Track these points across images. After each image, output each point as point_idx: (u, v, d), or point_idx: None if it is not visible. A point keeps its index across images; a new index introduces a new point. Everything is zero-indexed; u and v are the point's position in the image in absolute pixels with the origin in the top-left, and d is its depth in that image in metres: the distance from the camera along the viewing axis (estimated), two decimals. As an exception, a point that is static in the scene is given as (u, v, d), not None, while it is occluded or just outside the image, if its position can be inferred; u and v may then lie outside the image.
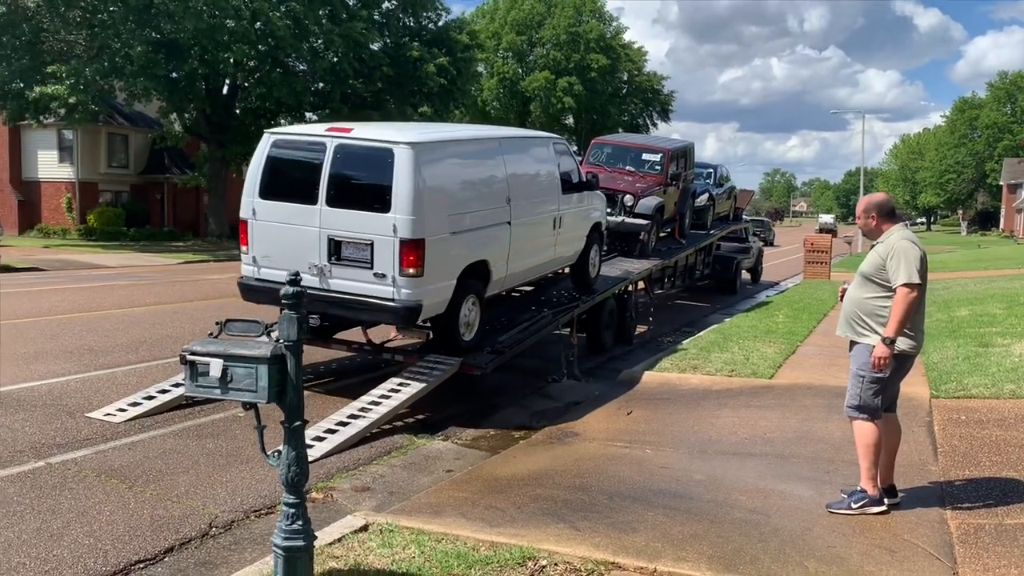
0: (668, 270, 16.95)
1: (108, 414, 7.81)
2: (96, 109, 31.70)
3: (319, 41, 32.61)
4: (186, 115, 34.63)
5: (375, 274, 8.03)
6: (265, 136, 8.70)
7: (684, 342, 12.88)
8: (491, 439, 8.18)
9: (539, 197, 10.40)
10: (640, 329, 14.41)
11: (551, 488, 6.38)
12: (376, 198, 7.94)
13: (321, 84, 34.15)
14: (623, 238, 15.45)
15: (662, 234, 17.20)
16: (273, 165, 8.54)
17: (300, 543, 4.09)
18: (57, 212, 39.20)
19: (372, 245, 7.99)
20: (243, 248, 8.78)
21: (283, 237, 8.47)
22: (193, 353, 4.27)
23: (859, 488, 5.68)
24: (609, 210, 14.82)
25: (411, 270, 7.88)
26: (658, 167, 16.17)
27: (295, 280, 4.11)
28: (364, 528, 5.35)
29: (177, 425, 7.72)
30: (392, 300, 8.01)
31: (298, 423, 4.12)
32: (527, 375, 10.92)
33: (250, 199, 8.58)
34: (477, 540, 5.17)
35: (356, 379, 9.94)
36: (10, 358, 9.96)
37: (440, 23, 37.97)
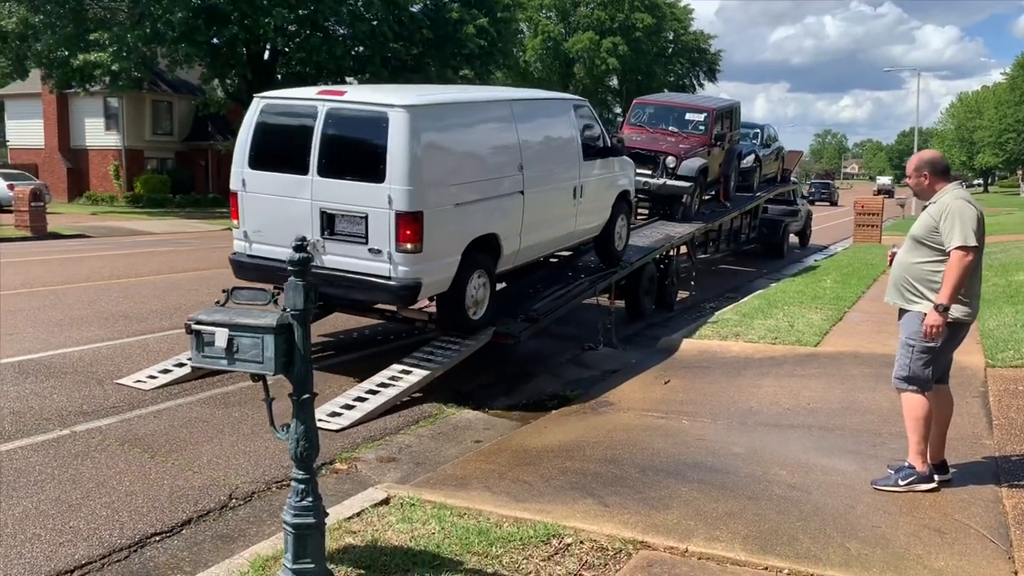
0: (712, 234, 16.54)
1: (138, 381, 7.76)
2: (139, 76, 31.89)
3: (359, 4, 32.29)
4: (228, 81, 34.70)
5: (370, 250, 7.42)
6: (255, 100, 8.14)
7: (726, 308, 12.50)
8: (523, 409, 7.98)
9: (557, 164, 9.66)
10: (682, 295, 14.05)
11: (581, 461, 6.16)
12: (370, 167, 7.29)
13: (361, 48, 33.89)
14: (665, 201, 15.08)
15: (706, 197, 16.74)
16: (263, 132, 7.97)
17: (311, 520, 3.92)
18: (105, 179, 39.76)
19: (367, 218, 7.38)
20: (234, 222, 8.27)
21: (274, 210, 7.89)
22: (198, 322, 4.09)
23: (907, 464, 5.35)
24: (650, 172, 14.50)
25: (408, 245, 7.27)
26: (702, 127, 15.68)
27: (301, 246, 3.89)
28: (385, 501, 5.19)
29: (205, 393, 7.64)
30: (389, 278, 7.42)
31: (307, 396, 3.93)
32: (563, 342, 10.67)
33: (239, 169, 8.05)
34: (501, 515, 4.97)
35: (389, 346, 9.79)
36: (46, 324, 10.01)
37: (481, -17, 37.31)
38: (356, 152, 7.57)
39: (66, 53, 30.20)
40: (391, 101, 7.29)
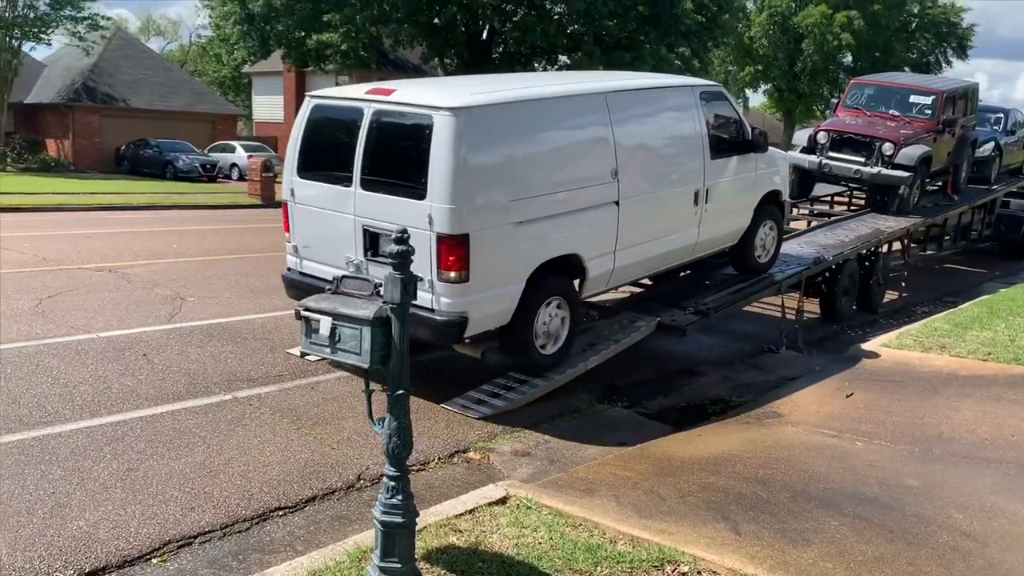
0: (935, 230, 14.92)
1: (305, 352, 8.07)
2: (365, 56, 33.63)
3: (575, -19, 32.11)
4: (447, 60, 35.78)
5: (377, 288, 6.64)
6: (305, 100, 7.35)
7: (939, 315, 11.23)
8: (679, 412, 7.52)
9: (671, 166, 8.22)
10: (890, 296, 12.78)
11: (728, 477, 5.67)
12: (412, 180, 6.33)
13: (575, 27, 33.72)
14: (879, 191, 13.79)
15: (931, 188, 15.15)
16: (310, 137, 7.21)
17: (399, 519, 3.81)
18: (336, 153, 42.55)
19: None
20: (286, 235, 7.61)
21: (321, 224, 7.16)
22: (307, 309, 4.10)
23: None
24: (863, 159, 13.28)
25: (452, 274, 6.25)
26: (928, 111, 14.12)
27: (401, 238, 3.76)
28: (502, 501, 5.02)
29: (364, 368, 7.82)
30: (432, 311, 6.38)
31: (402, 391, 3.81)
32: (740, 341, 10.01)
33: (289, 177, 7.36)
34: (618, 531, 4.65)
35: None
36: (243, 290, 10.73)
37: (701, -43, 35.90)
38: (399, 162, 6.64)
39: (302, 34, 32.42)
40: (437, 102, 6.31)
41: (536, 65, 33.61)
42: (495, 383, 7.26)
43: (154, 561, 4.41)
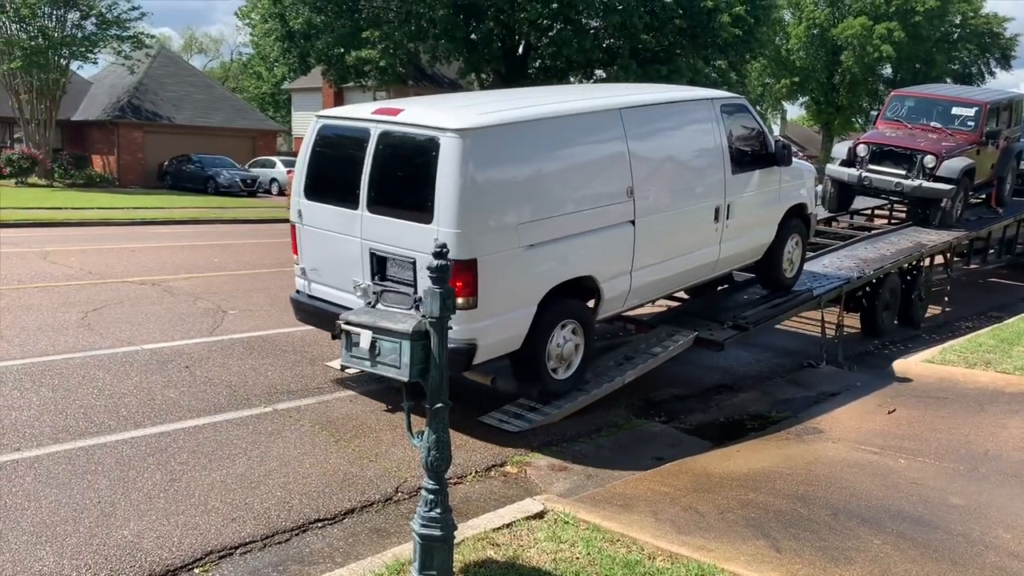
0: (978, 243, 14.64)
1: (345, 365, 8.14)
2: (403, 71, 34.00)
3: (611, -5, 32.19)
4: (483, 75, 36.03)
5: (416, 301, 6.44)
6: (313, 120, 7.21)
7: (984, 330, 11.01)
8: (718, 427, 7.45)
9: (690, 182, 7.92)
10: (932, 311, 12.58)
11: (767, 494, 5.61)
12: (419, 203, 6.13)
13: (610, 40, 33.79)
14: (921, 204, 13.61)
15: (974, 201, 14.91)
16: (318, 157, 7.08)
17: (437, 532, 3.83)
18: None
19: (414, 264, 6.24)
20: (294, 257, 7.44)
21: (328, 247, 6.98)
22: (348, 322, 4.16)
23: None
24: (904, 172, 13.12)
25: (459, 300, 5.73)
26: (971, 123, 13.91)
27: (441, 252, 3.80)
28: (539, 515, 5.02)
29: (402, 381, 7.87)
30: None
31: (440, 404, 3.84)
32: (780, 356, 9.91)
33: (297, 199, 7.21)
34: (656, 548, 4.62)
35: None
36: (283, 303, 10.71)
37: (740, -31, 35.81)
38: (405, 185, 6.45)
39: (341, 50, 32.88)
40: (443, 123, 6.09)
41: (572, 78, 33.71)
42: (532, 396, 7.26)
43: (196, 571, 4.47)
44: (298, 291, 7.46)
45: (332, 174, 7.00)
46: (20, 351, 7.98)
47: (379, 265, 6.53)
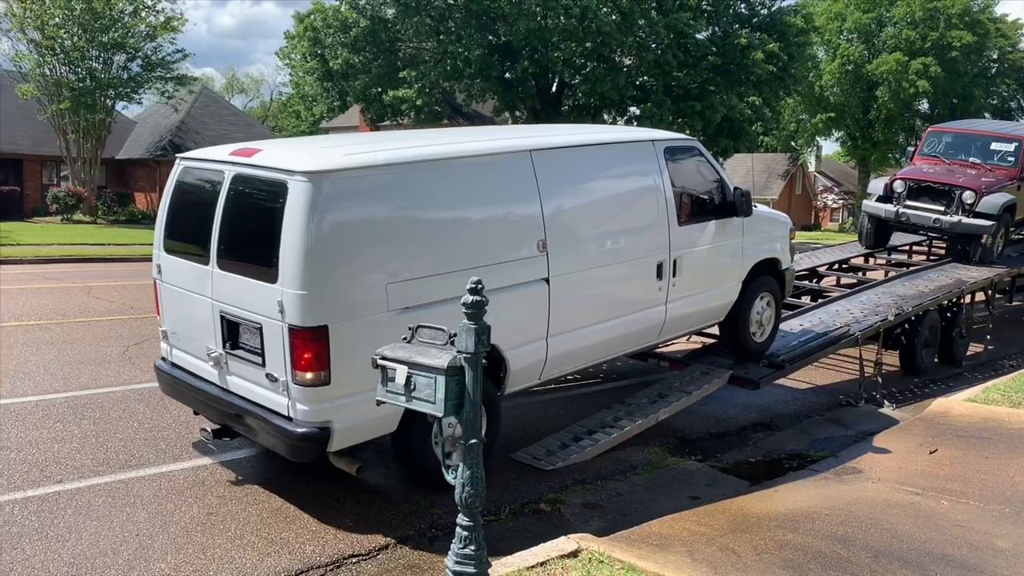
0: (1020, 280, 14.41)
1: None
2: (438, 109, 34.53)
3: (645, 34, 32.50)
4: (518, 112, 36.43)
5: (267, 375, 5.35)
6: (176, 162, 6.34)
7: (1028, 368, 10.77)
8: (755, 467, 7.36)
9: (622, 235, 6.99)
10: (974, 348, 12.34)
11: (806, 535, 5.52)
12: (263, 259, 5.24)
13: (644, 78, 34.03)
14: (960, 240, 13.44)
15: (1016, 237, 14.71)
16: (176, 206, 6.22)
17: (471, 569, 3.83)
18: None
19: (261, 330, 5.34)
20: (157, 318, 6.59)
21: (183, 308, 6.12)
22: (384, 358, 4.19)
23: None
24: (943, 208, 12.98)
25: (307, 375, 5.10)
26: (1011, 159, 13.79)
27: (476, 288, 3.84)
28: (573, 554, 4.97)
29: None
30: (288, 419, 5.27)
31: (475, 440, 3.85)
32: (818, 395, 9.77)
33: (157, 252, 6.35)
34: (692, 588, 4.56)
35: (618, 384, 9.51)
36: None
37: (773, 7, 35.93)
38: (252, 237, 5.51)
39: (379, 89, 33.50)
40: (292, 166, 5.19)
41: (606, 116, 33.95)
42: (566, 433, 7.23)
43: (232, 605, 4.50)
44: (163, 358, 6.55)
45: (187, 225, 6.13)
46: (63, 384, 8.15)
47: (230, 331, 5.65)
